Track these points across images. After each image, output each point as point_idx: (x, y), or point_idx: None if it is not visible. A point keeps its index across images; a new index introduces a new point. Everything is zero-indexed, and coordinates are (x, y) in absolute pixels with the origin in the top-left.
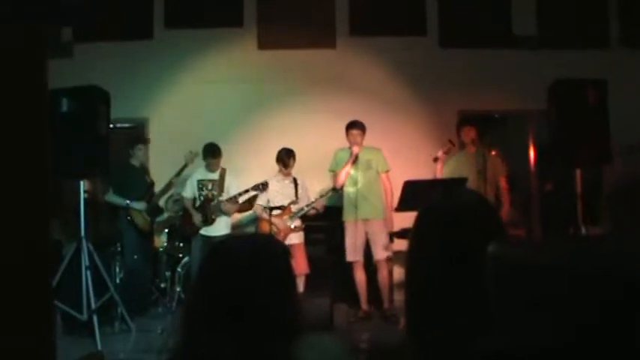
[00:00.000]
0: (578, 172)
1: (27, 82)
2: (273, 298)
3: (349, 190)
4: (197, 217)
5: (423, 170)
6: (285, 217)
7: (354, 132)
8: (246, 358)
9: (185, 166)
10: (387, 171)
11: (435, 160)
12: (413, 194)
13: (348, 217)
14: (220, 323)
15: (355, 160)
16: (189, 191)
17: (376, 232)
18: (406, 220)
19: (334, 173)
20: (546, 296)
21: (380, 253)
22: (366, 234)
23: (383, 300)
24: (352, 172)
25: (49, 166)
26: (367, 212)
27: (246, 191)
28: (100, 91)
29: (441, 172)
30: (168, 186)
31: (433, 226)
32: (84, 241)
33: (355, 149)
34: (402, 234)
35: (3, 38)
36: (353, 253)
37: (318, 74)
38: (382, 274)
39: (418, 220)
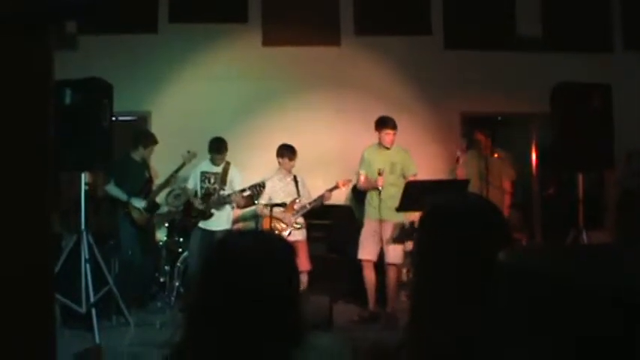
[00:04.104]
0: (580, 176)
1: (32, 74)
2: (274, 296)
3: (372, 190)
4: (199, 204)
5: (425, 170)
6: (289, 213)
7: (390, 131)
8: (247, 355)
9: (183, 165)
10: (415, 174)
11: (458, 160)
12: (414, 195)
13: (368, 216)
14: (220, 319)
15: (380, 190)
16: (192, 182)
17: (391, 234)
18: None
19: (360, 173)
20: (557, 311)
21: (391, 257)
22: (382, 234)
23: (388, 302)
24: (375, 173)
25: (52, 159)
26: (386, 213)
27: (243, 190)
28: (103, 84)
29: (461, 172)
30: (167, 182)
31: (444, 224)
32: (84, 234)
33: (380, 182)
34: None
35: (8, 30)
36: (366, 251)
37: (322, 72)
38: (391, 277)
39: (426, 218)
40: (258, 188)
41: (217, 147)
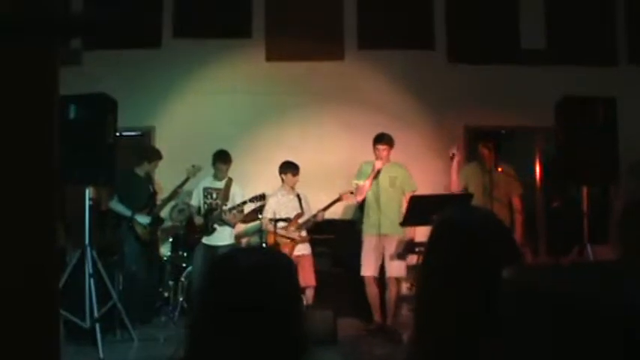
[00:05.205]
0: (585, 189)
1: (37, 88)
2: (278, 313)
3: (370, 204)
4: (199, 220)
5: (428, 184)
6: (292, 228)
7: (380, 147)
8: None
9: (187, 179)
10: (414, 191)
11: (452, 157)
12: (418, 209)
13: (367, 231)
14: (224, 335)
15: (376, 176)
16: (195, 199)
17: (393, 248)
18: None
19: (357, 185)
20: (559, 330)
21: (393, 270)
22: (383, 249)
23: (387, 315)
24: (375, 186)
25: (58, 173)
26: (386, 228)
27: (244, 203)
28: (107, 100)
29: (455, 172)
30: (171, 197)
31: (452, 237)
32: (88, 249)
33: (378, 164)
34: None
35: (12, 43)
36: (368, 267)
37: (325, 86)
38: (391, 291)
39: (434, 232)
40: (258, 198)
41: (223, 158)
